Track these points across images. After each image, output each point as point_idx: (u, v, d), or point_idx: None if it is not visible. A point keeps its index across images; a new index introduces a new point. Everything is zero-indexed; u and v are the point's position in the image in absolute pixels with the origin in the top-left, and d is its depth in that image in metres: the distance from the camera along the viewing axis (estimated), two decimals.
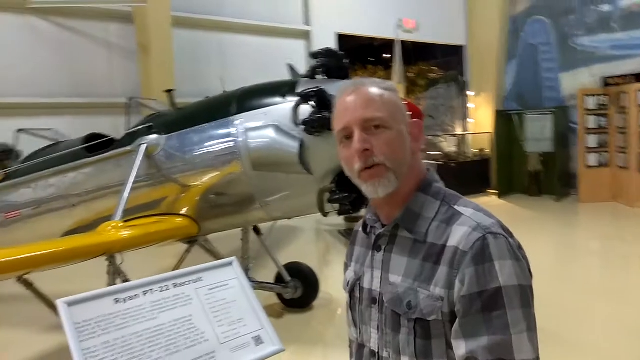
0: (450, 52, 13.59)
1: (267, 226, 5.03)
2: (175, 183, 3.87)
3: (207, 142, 3.79)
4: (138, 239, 3.49)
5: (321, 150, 3.36)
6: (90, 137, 4.40)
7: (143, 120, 4.39)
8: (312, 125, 3.32)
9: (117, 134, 4.40)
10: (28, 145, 5.06)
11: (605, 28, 10.43)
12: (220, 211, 3.93)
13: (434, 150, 12.36)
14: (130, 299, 1.52)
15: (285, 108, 3.54)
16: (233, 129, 3.67)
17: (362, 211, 3.40)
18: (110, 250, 3.35)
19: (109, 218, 3.52)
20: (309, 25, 10.89)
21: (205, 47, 9.70)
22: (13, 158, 5.00)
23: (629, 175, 9.52)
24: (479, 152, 12.51)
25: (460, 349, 1.07)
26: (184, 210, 3.89)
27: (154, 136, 3.92)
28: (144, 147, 3.82)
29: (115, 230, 3.36)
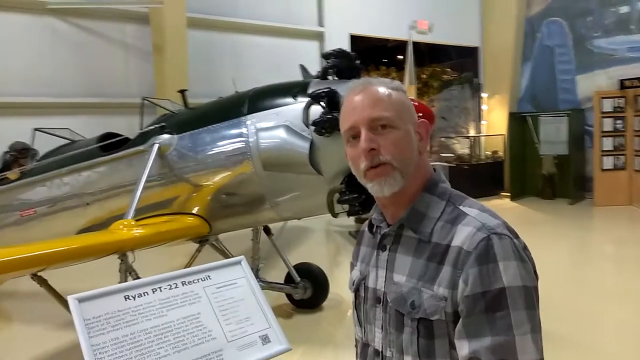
0: (465, 54, 13.50)
1: (278, 226, 5.04)
2: (186, 182, 3.91)
3: (219, 142, 3.82)
4: (150, 238, 3.53)
5: (331, 151, 3.36)
6: (104, 137, 4.46)
7: (156, 120, 4.43)
8: (323, 125, 3.32)
9: (132, 134, 4.45)
10: (44, 144, 5.13)
11: (623, 30, 10.30)
12: (231, 211, 3.95)
13: (447, 152, 12.29)
14: (139, 296, 1.53)
15: (296, 108, 3.55)
16: (244, 129, 3.70)
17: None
18: (122, 249, 3.38)
19: (121, 217, 3.56)
20: (322, 26, 10.88)
21: (220, 48, 9.75)
22: (30, 157, 5.07)
23: None
24: (492, 154, 12.42)
25: (463, 349, 1.06)
26: (195, 210, 3.92)
27: (166, 136, 3.96)
28: (156, 147, 3.86)
29: (127, 228, 3.40)
